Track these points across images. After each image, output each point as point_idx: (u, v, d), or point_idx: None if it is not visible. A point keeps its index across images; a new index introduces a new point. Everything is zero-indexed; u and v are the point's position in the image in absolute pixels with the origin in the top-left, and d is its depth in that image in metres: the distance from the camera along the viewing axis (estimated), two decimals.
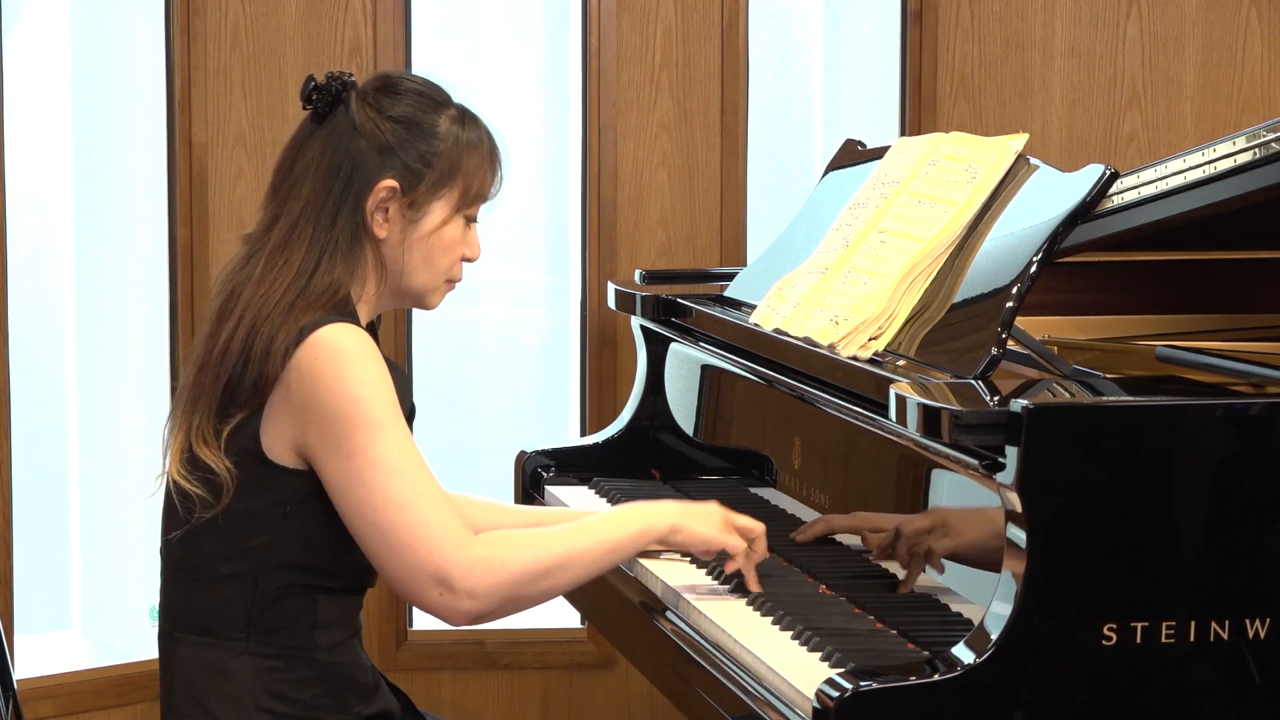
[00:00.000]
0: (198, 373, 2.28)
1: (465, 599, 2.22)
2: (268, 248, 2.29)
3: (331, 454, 2.21)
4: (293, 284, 2.25)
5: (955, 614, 2.26)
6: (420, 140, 2.32)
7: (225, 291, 2.30)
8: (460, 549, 2.22)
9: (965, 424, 2.10)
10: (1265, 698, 2.12)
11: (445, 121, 2.34)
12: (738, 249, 3.94)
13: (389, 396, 2.22)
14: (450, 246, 2.36)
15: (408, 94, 2.35)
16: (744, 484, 2.88)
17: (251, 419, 2.23)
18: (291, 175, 2.32)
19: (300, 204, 2.30)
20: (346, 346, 2.21)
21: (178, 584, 2.34)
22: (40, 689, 3.68)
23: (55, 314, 3.87)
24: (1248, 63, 4.01)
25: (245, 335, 2.23)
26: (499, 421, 4.03)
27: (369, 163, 2.30)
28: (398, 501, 2.20)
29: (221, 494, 2.24)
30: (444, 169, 2.33)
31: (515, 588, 2.25)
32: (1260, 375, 2.37)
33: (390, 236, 2.32)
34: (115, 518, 3.86)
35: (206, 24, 3.77)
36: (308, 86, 2.34)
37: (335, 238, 2.28)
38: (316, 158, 2.31)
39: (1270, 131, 2.29)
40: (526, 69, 4.01)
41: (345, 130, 2.31)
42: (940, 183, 2.67)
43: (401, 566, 2.21)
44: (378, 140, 2.30)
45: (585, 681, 3.99)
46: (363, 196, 2.29)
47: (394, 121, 2.32)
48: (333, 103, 2.33)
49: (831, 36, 4.09)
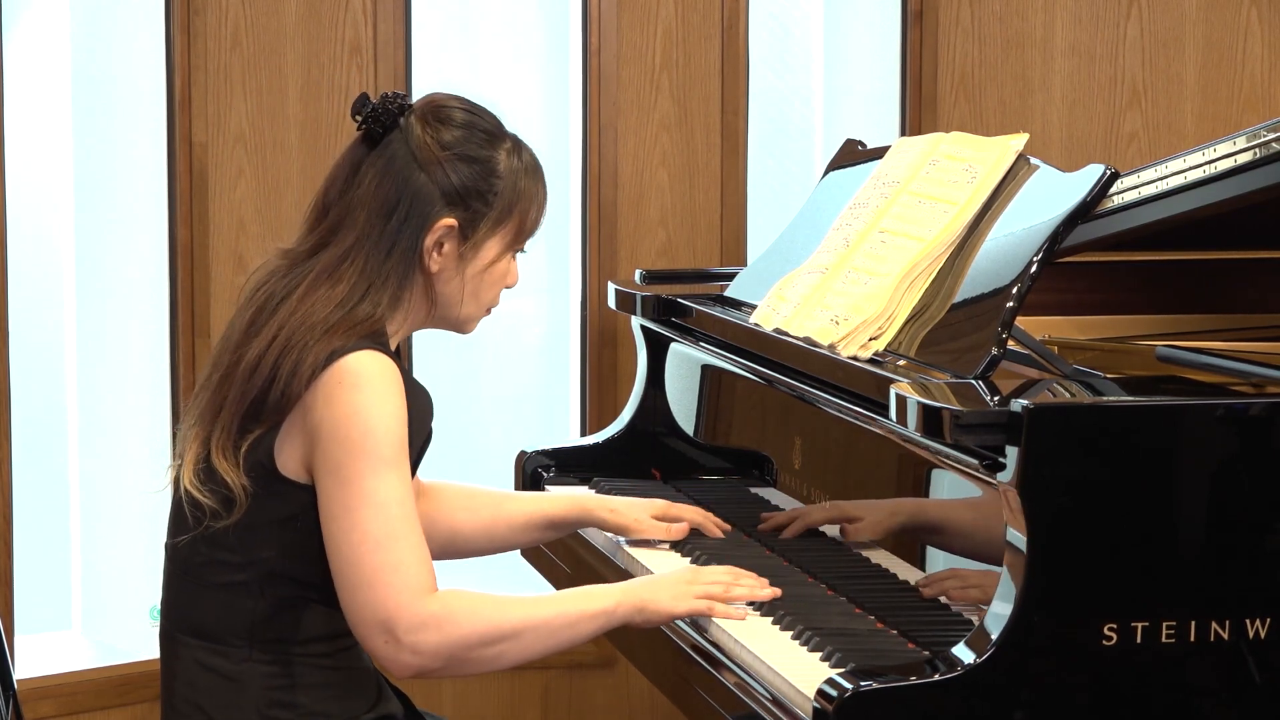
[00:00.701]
0: (220, 381, 2.27)
1: (407, 653, 2.19)
2: (314, 271, 2.27)
3: (329, 476, 2.20)
4: (335, 310, 2.23)
5: (955, 614, 2.26)
6: (481, 179, 2.30)
7: (258, 303, 2.28)
8: (415, 602, 2.18)
9: (965, 424, 2.10)
10: (1265, 698, 2.12)
11: (504, 157, 2.32)
12: (738, 249, 3.94)
13: (399, 434, 2.21)
14: (498, 280, 2.36)
15: (466, 126, 2.32)
16: (744, 484, 2.88)
17: (269, 434, 2.23)
18: (344, 200, 2.30)
19: (355, 234, 2.27)
20: (370, 375, 2.20)
21: (182, 588, 2.33)
22: (40, 689, 3.68)
23: (55, 314, 3.87)
24: (1248, 63, 4.01)
25: (277, 354, 2.21)
26: (499, 421, 4.03)
27: (429, 199, 2.28)
28: (373, 539, 2.18)
29: (234, 508, 2.23)
30: (502, 208, 2.32)
31: (462, 650, 2.21)
32: (1260, 375, 2.37)
33: (444, 271, 2.31)
34: (115, 518, 3.86)
35: (206, 24, 3.77)
36: (363, 107, 2.31)
37: (388, 271, 2.27)
38: (374, 187, 2.28)
39: (1270, 131, 2.29)
40: (526, 69, 4.01)
41: (404, 160, 2.29)
42: (941, 183, 2.67)
43: (356, 605, 2.19)
44: (438, 176, 2.28)
45: (585, 681, 3.99)
46: (421, 233, 2.28)
47: (456, 158, 2.29)
48: (388, 126, 2.30)
49: (832, 36, 4.09)
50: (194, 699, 2.29)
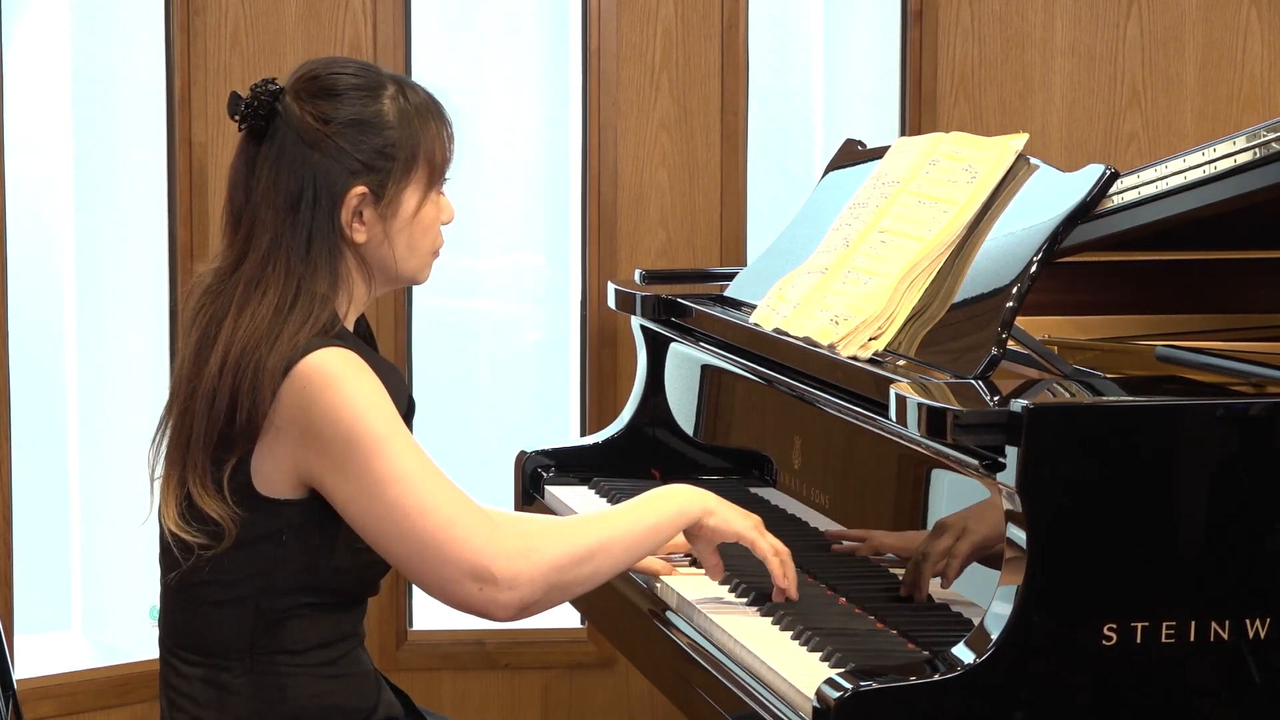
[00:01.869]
0: (181, 416, 2.23)
1: (506, 590, 2.17)
2: (241, 283, 2.22)
3: (338, 476, 2.17)
4: (274, 318, 2.18)
5: (955, 614, 2.26)
6: (374, 136, 2.23)
7: (200, 329, 2.23)
8: (493, 541, 2.17)
9: (965, 424, 2.10)
10: (1265, 698, 2.12)
11: (390, 105, 2.25)
12: (738, 249, 3.94)
13: (385, 407, 2.18)
14: (429, 225, 2.30)
15: (344, 91, 2.25)
16: (744, 484, 2.88)
17: (244, 460, 2.19)
18: (250, 203, 2.24)
19: (269, 234, 2.22)
20: (332, 369, 2.16)
21: (179, 607, 2.31)
22: (40, 689, 3.68)
23: (55, 314, 3.87)
24: (1248, 62, 4.01)
25: (232, 379, 2.17)
26: (499, 421, 4.03)
27: (331, 175, 2.22)
28: (416, 509, 2.16)
29: (223, 538, 2.20)
30: (405, 156, 2.25)
31: (557, 574, 2.20)
32: (1260, 375, 2.37)
33: (371, 238, 2.25)
34: (115, 518, 3.86)
35: (206, 24, 3.77)
36: (236, 105, 2.24)
37: (314, 260, 2.22)
38: (273, 182, 2.22)
39: (1270, 131, 2.29)
40: (526, 69, 4.01)
41: (293, 145, 2.22)
42: (940, 182, 2.67)
43: (435, 570, 2.17)
44: (332, 150, 2.22)
45: (585, 681, 3.99)
46: (335, 211, 2.22)
47: (343, 125, 2.23)
48: (269, 115, 2.23)
49: (831, 36, 4.09)
50: (196, 714, 2.27)
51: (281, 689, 2.25)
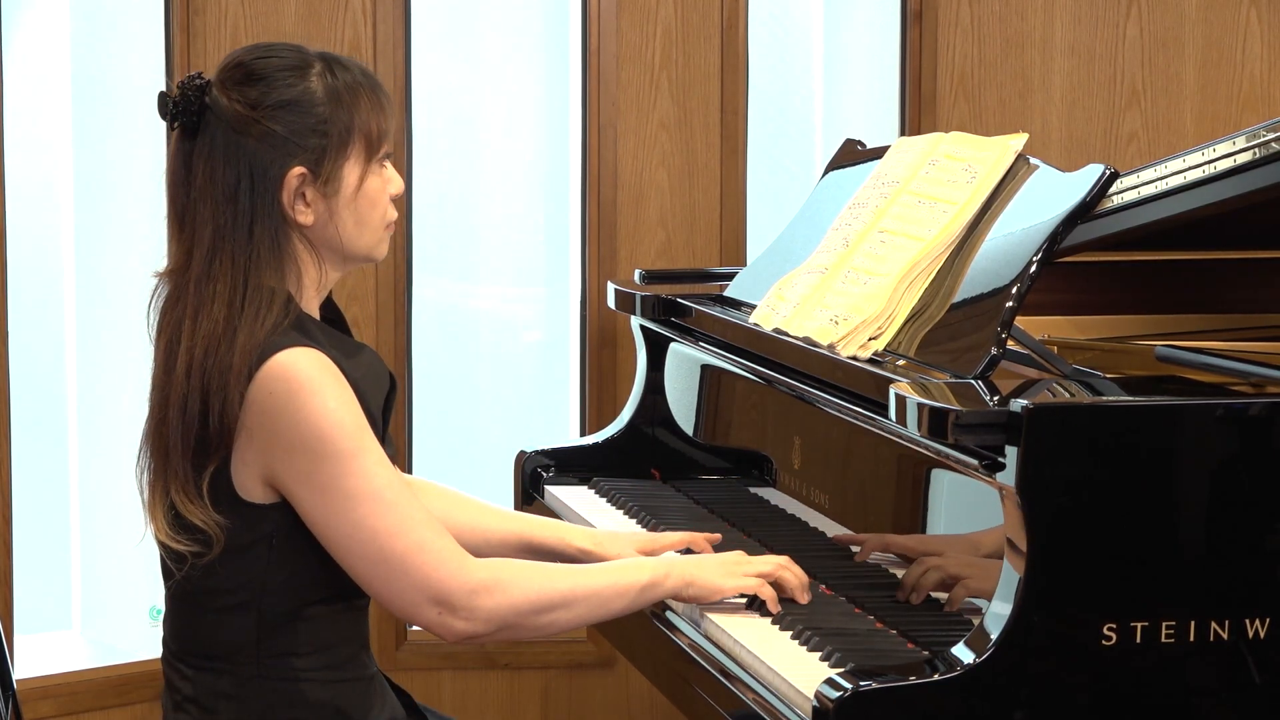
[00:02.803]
0: (159, 425, 2.20)
1: (463, 620, 2.19)
2: (191, 285, 2.19)
3: (303, 487, 2.16)
4: (229, 313, 2.16)
5: (955, 614, 2.26)
6: (305, 115, 2.21)
7: (166, 336, 2.21)
8: (462, 570, 2.19)
9: (965, 424, 2.09)
10: (1265, 698, 2.12)
11: (317, 83, 2.23)
12: (737, 249, 3.94)
13: (354, 418, 2.16)
14: (376, 199, 2.26)
15: (270, 74, 2.22)
16: (744, 484, 2.88)
17: (224, 466, 2.18)
18: (190, 200, 2.21)
19: (209, 227, 2.19)
20: (301, 375, 2.14)
21: (180, 611, 2.30)
22: (40, 689, 3.68)
23: (55, 314, 3.87)
24: (1247, 62, 4.01)
25: (200, 382, 2.15)
26: (499, 421, 4.03)
27: (266, 159, 2.19)
28: (385, 530, 2.16)
29: (213, 545, 2.19)
30: (339, 131, 2.22)
31: (515, 616, 2.21)
32: (1260, 375, 2.36)
33: (316, 218, 2.22)
34: (115, 518, 3.86)
35: (206, 24, 3.77)
36: (164, 104, 2.22)
37: (256, 248, 2.19)
38: (208, 175, 2.20)
39: (1270, 131, 2.29)
40: (526, 69, 4.01)
41: (225, 135, 2.19)
42: (940, 182, 2.67)
43: (397, 592, 2.18)
44: (265, 134, 2.19)
45: (585, 681, 3.98)
46: (276, 194, 2.20)
47: (272, 108, 2.20)
48: (199, 110, 2.21)
49: (831, 36, 4.09)
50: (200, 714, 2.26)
51: (286, 694, 2.24)
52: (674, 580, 2.35)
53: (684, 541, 2.62)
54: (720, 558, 2.44)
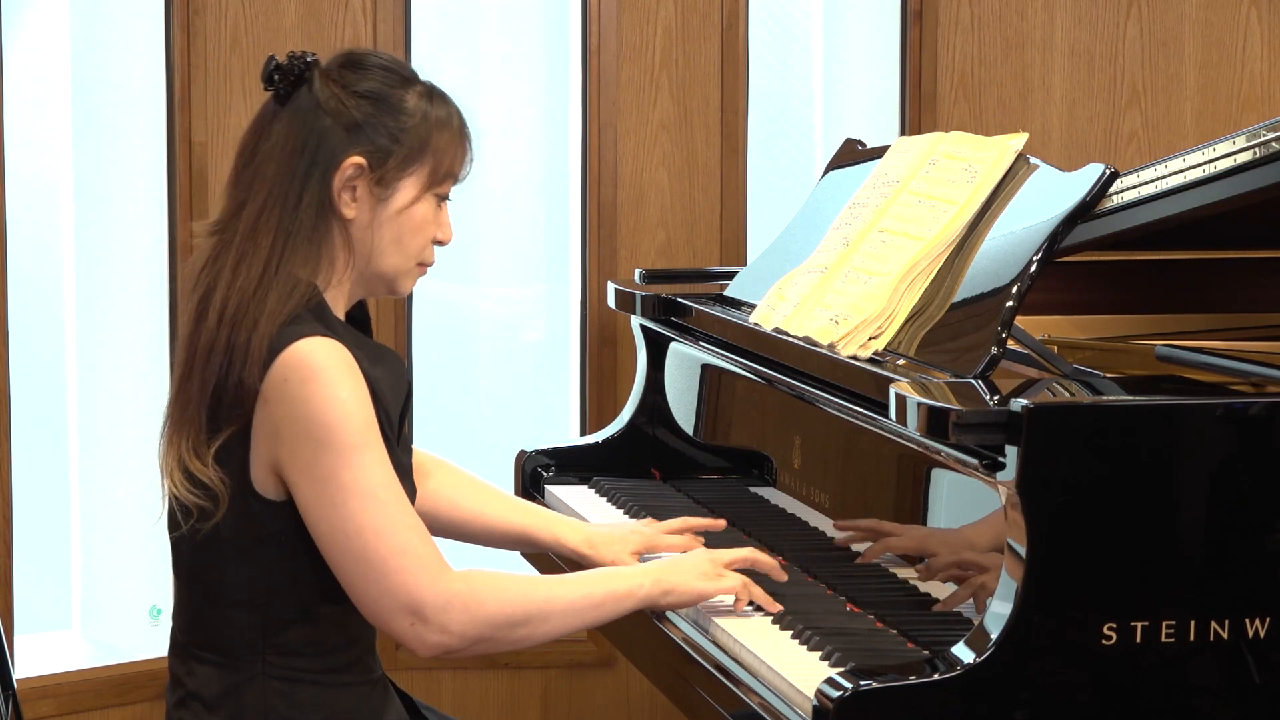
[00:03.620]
0: (183, 381, 2.22)
1: (436, 633, 2.18)
2: (237, 237, 2.21)
3: (303, 476, 2.16)
4: (264, 274, 2.18)
5: (955, 613, 2.26)
6: (387, 116, 2.24)
7: (200, 289, 2.23)
8: (438, 581, 2.17)
9: (965, 423, 2.09)
10: (1265, 697, 2.12)
11: (413, 97, 2.26)
12: (737, 248, 3.94)
13: (363, 416, 2.16)
14: (421, 226, 2.28)
15: (374, 69, 2.27)
16: (744, 483, 2.88)
17: (240, 439, 2.18)
18: (255, 159, 2.24)
19: (266, 186, 2.21)
20: (317, 364, 2.15)
21: (190, 601, 2.30)
22: (40, 688, 3.68)
23: (55, 314, 3.87)
24: (1248, 62, 4.01)
25: (228, 332, 2.17)
26: (499, 421, 4.03)
27: (335, 140, 2.22)
28: (372, 528, 2.15)
29: (219, 506, 2.19)
30: (413, 145, 2.25)
31: (489, 629, 2.20)
32: (1260, 375, 2.36)
33: (359, 216, 2.24)
34: (115, 518, 3.86)
35: (206, 24, 3.77)
36: (268, 67, 2.25)
37: (300, 218, 2.20)
38: (281, 139, 2.23)
39: (1270, 131, 2.29)
40: (526, 68, 4.01)
41: (309, 108, 2.22)
42: (940, 182, 2.67)
43: (373, 596, 2.17)
44: (343, 117, 2.22)
45: (585, 681, 3.98)
46: (329, 175, 2.21)
47: (360, 97, 2.24)
48: (295, 82, 2.24)
49: (831, 36, 4.09)
50: (203, 709, 2.26)
51: (289, 694, 2.24)
52: (650, 588, 2.34)
53: (682, 545, 2.62)
54: (692, 559, 2.42)
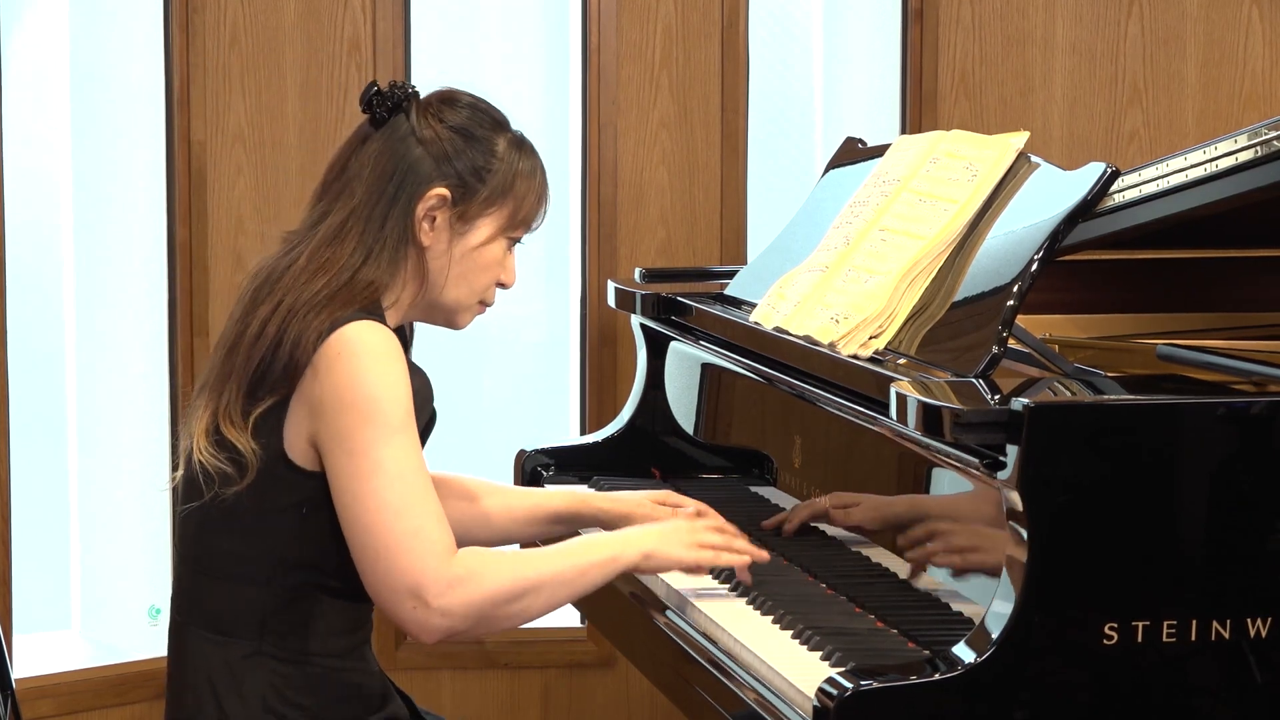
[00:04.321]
0: (227, 354, 2.29)
1: (437, 616, 2.21)
2: (314, 241, 2.30)
3: (337, 448, 2.21)
4: (334, 278, 2.26)
5: (956, 613, 2.25)
6: (477, 154, 2.34)
7: (262, 277, 2.32)
8: (441, 565, 2.21)
9: (966, 422, 2.09)
10: (1266, 697, 2.12)
11: (504, 143, 2.36)
12: (738, 247, 3.93)
13: (405, 401, 2.23)
14: (489, 266, 2.38)
15: (469, 108, 2.37)
16: (744, 483, 2.88)
17: (278, 410, 2.24)
18: (345, 174, 2.34)
19: (352, 202, 2.31)
20: (370, 344, 2.22)
21: (193, 578, 2.33)
22: (39, 688, 3.68)
23: (54, 313, 3.87)
24: (1249, 60, 4.01)
25: (280, 321, 2.23)
26: (498, 420, 4.03)
27: (424, 168, 2.32)
28: (392, 507, 2.20)
29: (245, 472, 2.24)
30: (497, 187, 2.34)
31: (490, 607, 2.25)
32: (1261, 374, 2.36)
33: (435, 246, 2.33)
34: (115, 517, 3.86)
35: (205, 22, 3.76)
36: (369, 92, 2.35)
37: (384, 239, 2.30)
38: (372, 159, 2.33)
39: (1272, 129, 2.28)
40: (526, 67, 4.00)
41: (404, 135, 2.33)
42: (941, 181, 2.67)
43: (381, 573, 2.21)
44: (435, 148, 2.32)
45: (585, 681, 3.98)
46: (414, 201, 2.31)
47: (453, 131, 2.34)
48: (392, 110, 2.34)
49: (832, 34, 4.08)
50: (200, 691, 2.29)
51: (287, 675, 2.27)
52: (633, 553, 2.38)
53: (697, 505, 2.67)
54: (669, 527, 2.46)
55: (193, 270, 3.78)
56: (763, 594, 2.46)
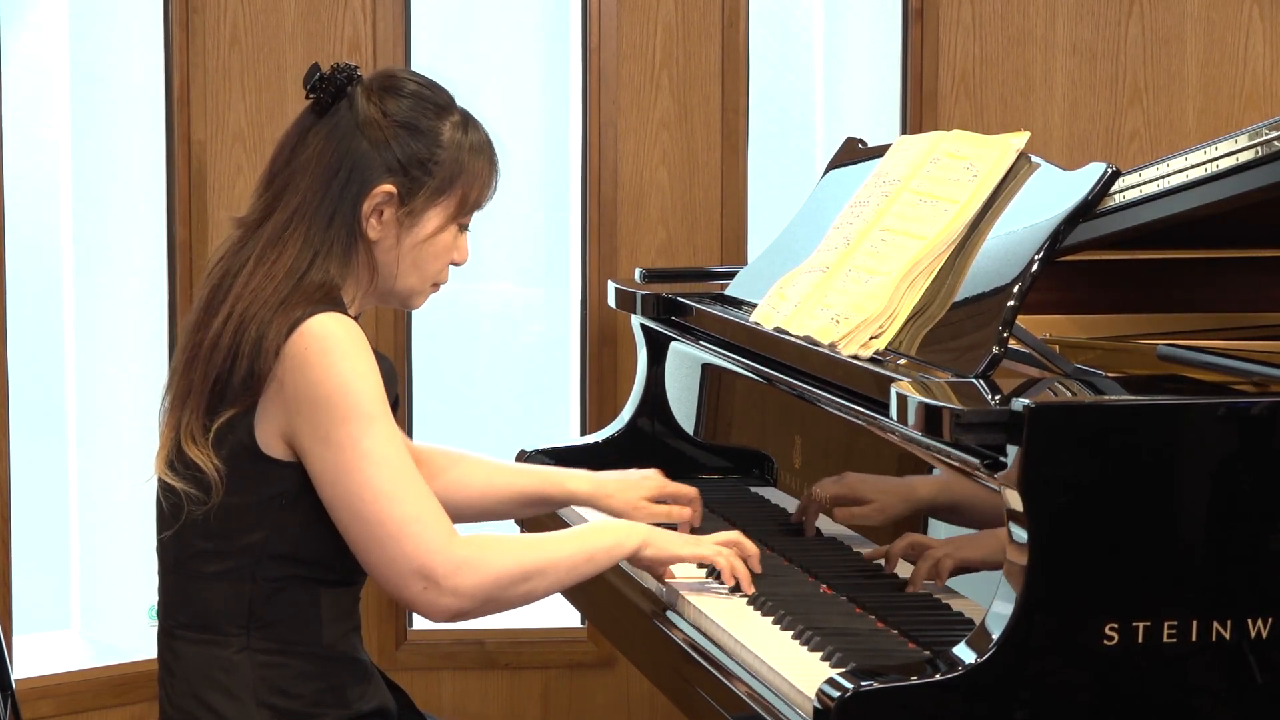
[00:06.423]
0: (185, 367, 2.28)
1: (448, 596, 2.23)
2: (261, 241, 2.28)
3: (319, 445, 2.21)
4: (284, 280, 2.24)
5: (956, 613, 2.25)
6: (422, 147, 2.31)
7: (214, 280, 2.30)
8: (447, 546, 2.23)
9: (966, 423, 2.09)
10: (1267, 698, 2.12)
11: (449, 129, 2.33)
12: (738, 247, 3.93)
13: (377, 389, 2.23)
14: (441, 253, 2.36)
15: (412, 97, 2.33)
16: (744, 483, 2.88)
17: (244, 415, 2.23)
18: (289, 167, 2.32)
19: (297, 199, 2.29)
20: (336, 337, 2.21)
21: (174, 581, 2.34)
22: (39, 689, 3.68)
23: (54, 313, 3.87)
24: (1250, 60, 4.01)
25: (234, 330, 2.22)
26: (499, 420, 4.03)
27: (369, 164, 2.29)
28: (386, 494, 2.20)
29: (210, 492, 2.24)
30: (444, 178, 2.32)
31: (497, 589, 2.26)
32: (1262, 374, 2.36)
33: (383, 240, 2.31)
34: (114, 517, 3.86)
35: (205, 22, 3.76)
36: (312, 76, 2.32)
37: (331, 238, 2.28)
38: (317, 153, 2.30)
39: (1272, 129, 2.28)
40: (526, 67, 4.00)
41: (348, 127, 2.30)
42: (941, 181, 2.67)
43: (387, 560, 2.22)
44: (380, 142, 2.29)
45: (585, 681, 3.98)
46: (360, 198, 2.29)
47: (398, 125, 2.31)
48: (336, 95, 2.31)
49: (832, 34, 4.08)
50: (192, 692, 2.30)
51: (276, 666, 2.27)
52: (634, 541, 2.42)
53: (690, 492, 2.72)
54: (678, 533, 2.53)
55: (193, 270, 3.78)
56: (763, 594, 2.46)
